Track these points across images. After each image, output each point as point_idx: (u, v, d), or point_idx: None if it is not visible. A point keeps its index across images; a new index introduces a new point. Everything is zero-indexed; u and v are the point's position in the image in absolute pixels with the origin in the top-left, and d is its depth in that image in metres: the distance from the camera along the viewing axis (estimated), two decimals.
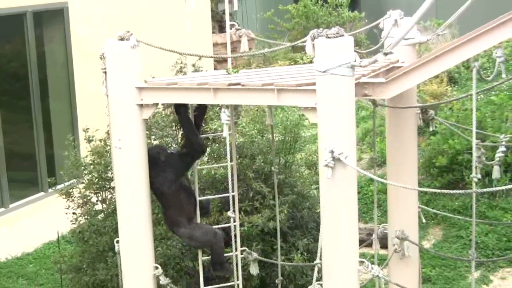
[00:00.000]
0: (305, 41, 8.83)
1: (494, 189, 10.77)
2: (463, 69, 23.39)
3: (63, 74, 19.55)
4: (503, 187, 9.23)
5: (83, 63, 19.17)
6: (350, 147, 8.59)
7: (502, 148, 11.52)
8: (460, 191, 8.86)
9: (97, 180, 13.73)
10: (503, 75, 9.76)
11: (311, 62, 9.27)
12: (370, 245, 12.23)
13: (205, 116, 12.18)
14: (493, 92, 20.52)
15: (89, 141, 14.30)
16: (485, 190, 11.01)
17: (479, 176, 10.46)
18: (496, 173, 11.33)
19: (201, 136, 11.00)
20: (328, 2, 37.17)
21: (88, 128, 14.39)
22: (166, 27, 22.46)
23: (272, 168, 11.99)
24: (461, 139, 17.35)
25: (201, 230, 10.75)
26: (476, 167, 10.57)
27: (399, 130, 11.00)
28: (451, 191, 8.51)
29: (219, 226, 11.46)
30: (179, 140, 13.99)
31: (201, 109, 10.73)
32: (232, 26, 10.95)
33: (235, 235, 10.53)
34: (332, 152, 8.40)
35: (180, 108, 10.28)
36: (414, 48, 10.68)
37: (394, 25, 10.14)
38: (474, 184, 10.03)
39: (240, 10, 42.03)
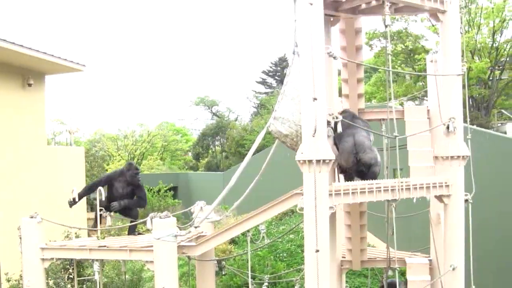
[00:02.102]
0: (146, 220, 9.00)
1: None
2: (240, 234, 23.66)
3: None
4: None
5: (5, 231, 18.22)
6: (174, 285, 8.64)
7: (266, 283, 11.70)
8: None
9: None
10: (265, 240, 10.07)
11: (148, 231, 9.45)
12: None
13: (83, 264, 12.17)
14: (259, 249, 20.89)
15: (8, 280, 14.24)
16: None
17: None
18: None
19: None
20: (159, 193, 37.67)
21: (8, 272, 14.37)
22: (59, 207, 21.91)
23: None
24: (240, 278, 17.48)
25: None
26: None
27: (204, 273, 11.00)
28: None
29: None
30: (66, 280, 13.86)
31: None
32: (101, 210, 11.02)
33: None
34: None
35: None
36: (212, 224, 10.85)
37: (200, 210, 10.27)
38: None
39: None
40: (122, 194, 11.15)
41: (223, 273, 12.86)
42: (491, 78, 37.19)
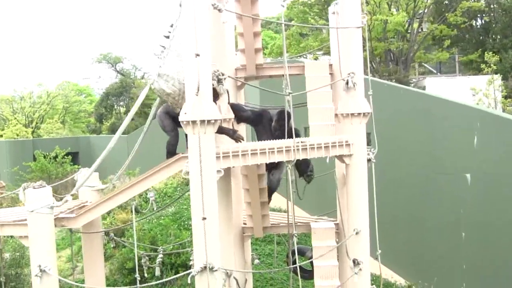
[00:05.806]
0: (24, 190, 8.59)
1: (152, 283, 10.53)
2: (142, 202, 23.13)
3: None
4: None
5: None
6: (52, 262, 8.42)
7: (160, 255, 11.60)
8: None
9: None
10: (154, 208, 9.91)
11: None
12: None
13: None
14: (162, 217, 20.68)
15: None
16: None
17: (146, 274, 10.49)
18: (157, 271, 11.30)
19: None
20: (57, 160, 36.87)
21: None
22: None
23: None
24: (141, 249, 17.33)
25: None
26: (144, 267, 10.64)
27: (90, 247, 10.66)
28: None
29: None
30: None
31: None
32: None
33: None
34: (39, 266, 8.25)
35: None
36: (98, 192, 10.50)
37: (83, 177, 9.92)
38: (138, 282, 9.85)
39: None
40: None
41: (112, 245, 12.67)
42: (409, 31, 37.83)
